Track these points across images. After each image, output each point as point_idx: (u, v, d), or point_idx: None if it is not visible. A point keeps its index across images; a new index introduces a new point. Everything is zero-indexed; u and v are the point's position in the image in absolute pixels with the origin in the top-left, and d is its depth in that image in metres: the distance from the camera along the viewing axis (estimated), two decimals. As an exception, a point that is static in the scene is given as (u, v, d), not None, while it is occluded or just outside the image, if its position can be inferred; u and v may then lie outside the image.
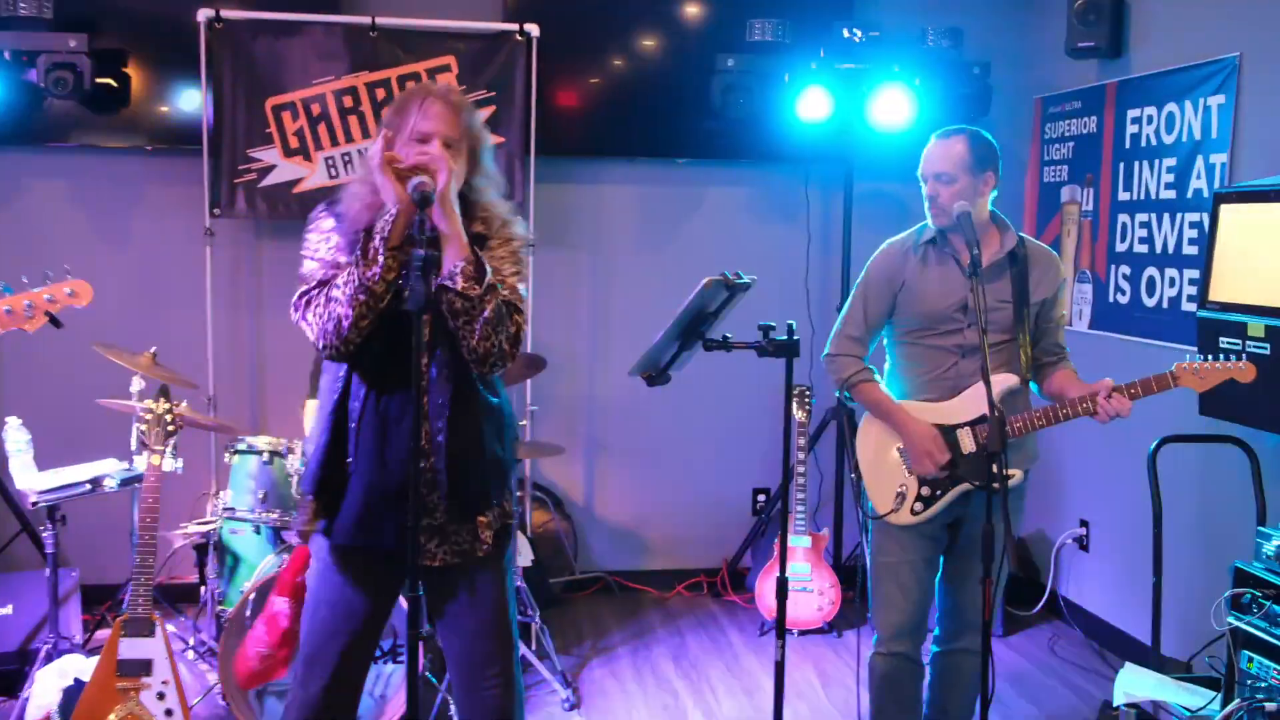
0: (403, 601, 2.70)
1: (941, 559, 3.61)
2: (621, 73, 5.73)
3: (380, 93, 5.26)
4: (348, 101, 5.25)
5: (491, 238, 2.80)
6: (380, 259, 2.61)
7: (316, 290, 2.70)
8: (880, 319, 3.58)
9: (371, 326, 2.67)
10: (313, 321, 2.69)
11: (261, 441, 4.39)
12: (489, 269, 2.69)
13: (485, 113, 5.35)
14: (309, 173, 5.24)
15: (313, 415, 4.30)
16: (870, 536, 3.63)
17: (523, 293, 2.82)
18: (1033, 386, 3.58)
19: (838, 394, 3.69)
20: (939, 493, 3.48)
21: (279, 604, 3.79)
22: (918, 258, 3.52)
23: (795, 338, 2.97)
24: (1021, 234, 3.54)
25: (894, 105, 5.46)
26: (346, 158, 5.27)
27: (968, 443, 3.46)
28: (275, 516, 4.30)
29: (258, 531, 4.39)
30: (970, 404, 3.48)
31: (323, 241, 2.74)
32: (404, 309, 2.44)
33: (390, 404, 2.73)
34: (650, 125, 5.74)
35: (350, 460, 2.74)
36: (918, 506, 3.49)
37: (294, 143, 5.23)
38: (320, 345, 2.70)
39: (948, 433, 3.46)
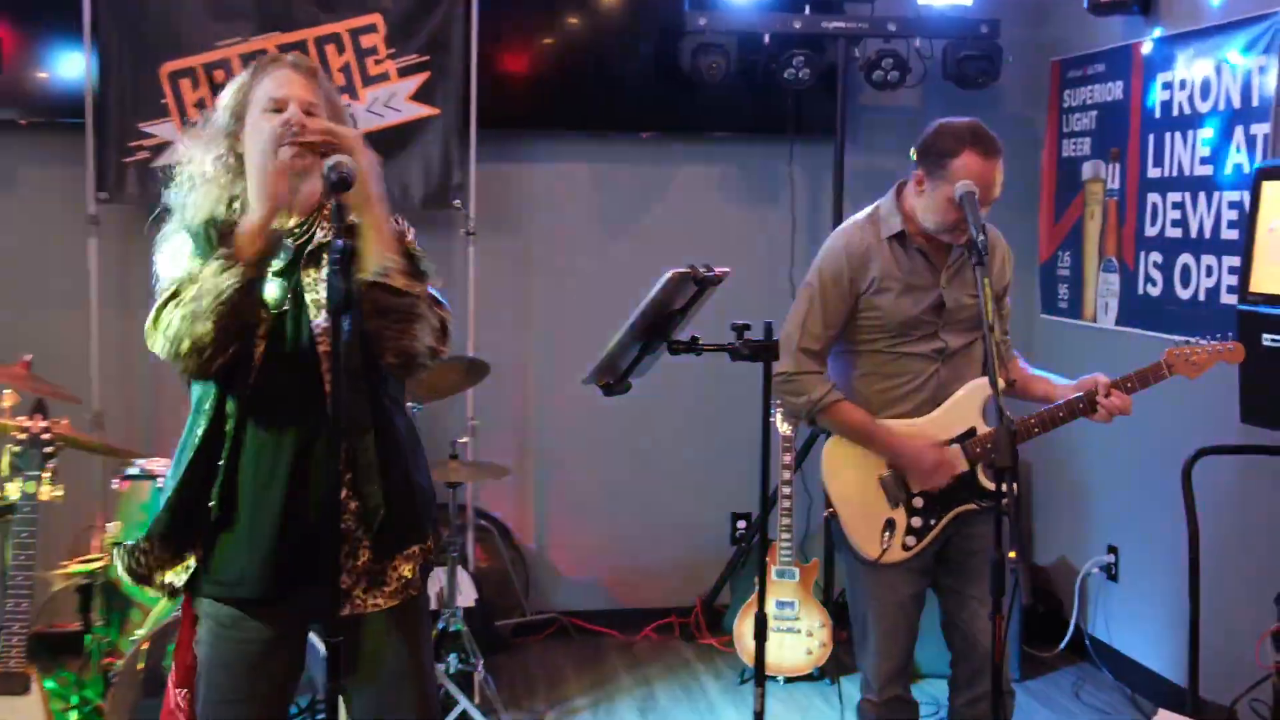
0: (321, 648, 2.70)
1: (930, 589, 3.65)
2: (577, 34, 5.74)
3: (294, 57, 5.26)
4: (256, 67, 5.24)
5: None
6: (239, 267, 2.57)
7: (172, 299, 2.63)
8: (840, 326, 3.56)
9: (236, 343, 2.62)
10: (164, 336, 2.62)
11: (157, 465, 4.37)
12: (422, 258, 2.71)
13: (418, 80, 5.37)
14: (211, 150, 5.23)
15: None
16: (853, 576, 3.66)
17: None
18: None
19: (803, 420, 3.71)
20: (932, 521, 3.51)
21: (177, 698, 3.70)
22: (886, 255, 3.53)
23: (774, 338, 2.99)
24: None
25: (891, 70, 5.50)
26: (255, 133, 5.25)
27: (958, 462, 3.50)
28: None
29: (153, 569, 4.36)
30: (955, 417, 3.52)
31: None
32: (328, 309, 2.46)
33: (278, 427, 2.69)
34: (610, 94, 5.76)
35: (219, 500, 2.69)
36: (910, 541, 3.52)
37: (194, 115, 5.21)
38: (178, 370, 2.65)
39: None
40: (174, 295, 2.63)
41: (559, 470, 5.99)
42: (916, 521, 3.52)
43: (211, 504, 2.69)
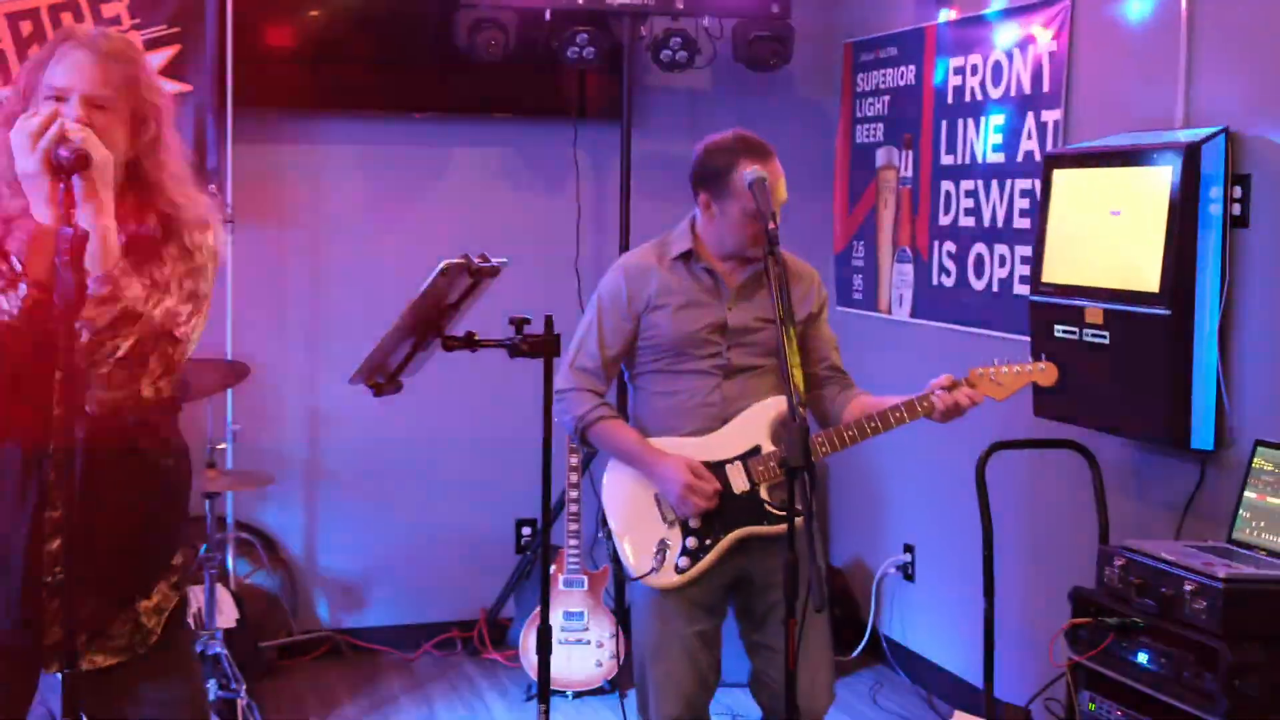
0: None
1: (741, 640, 3.69)
2: (346, 6, 5.65)
3: (27, 26, 5.06)
4: (-18, 36, 5.04)
5: (169, 244, 2.62)
6: (21, 288, 2.44)
7: None
8: (621, 347, 3.64)
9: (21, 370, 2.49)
10: None
11: None
12: (133, 285, 2.50)
13: (167, 54, 5.21)
14: (-70, 128, 5.00)
15: None
16: (634, 606, 3.68)
17: (185, 321, 2.61)
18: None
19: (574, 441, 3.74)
20: (708, 542, 3.54)
21: None
22: (665, 273, 3.61)
23: (555, 333, 2.99)
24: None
25: (679, 49, 5.55)
26: (-18, 109, 5.04)
27: (739, 481, 3.54)
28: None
29: None
30: (739, 435, 3.58)
31: None
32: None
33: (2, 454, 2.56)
34: (380, 71, 5.69)
35: None
36: (683, 562, 3.54)
37: (-91, 89, 4.99)
38: None
39: (714, 470, 3.55)
40: None
41: (329, 477, 5.89)
42: (691, 542, 3.54)
43: None
